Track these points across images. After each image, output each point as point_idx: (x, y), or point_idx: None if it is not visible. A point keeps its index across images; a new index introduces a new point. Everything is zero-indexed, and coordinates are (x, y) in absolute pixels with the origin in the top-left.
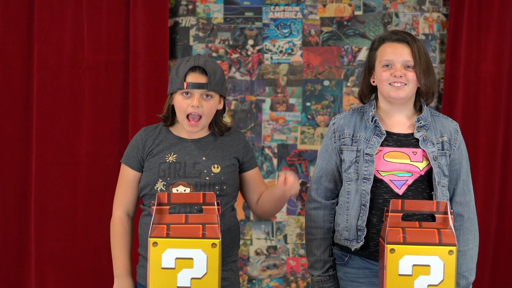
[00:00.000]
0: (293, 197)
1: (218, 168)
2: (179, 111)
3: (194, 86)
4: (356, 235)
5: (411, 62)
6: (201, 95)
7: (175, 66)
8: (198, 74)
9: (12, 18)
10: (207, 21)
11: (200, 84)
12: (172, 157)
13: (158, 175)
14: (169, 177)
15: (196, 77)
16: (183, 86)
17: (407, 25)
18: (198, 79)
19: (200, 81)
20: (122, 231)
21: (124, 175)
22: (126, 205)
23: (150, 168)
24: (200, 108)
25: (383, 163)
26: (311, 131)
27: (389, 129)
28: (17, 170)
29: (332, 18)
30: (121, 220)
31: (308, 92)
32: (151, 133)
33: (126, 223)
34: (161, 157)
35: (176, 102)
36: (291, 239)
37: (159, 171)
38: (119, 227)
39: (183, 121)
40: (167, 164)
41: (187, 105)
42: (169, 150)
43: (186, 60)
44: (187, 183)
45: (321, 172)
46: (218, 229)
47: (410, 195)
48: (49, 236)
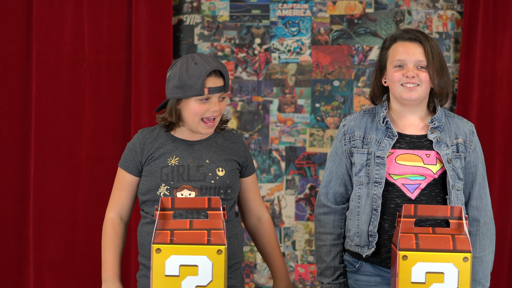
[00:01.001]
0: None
1: (223, 171)
2: (195, 116)
3: (215, 91)
4: (367, 241)
5: (424, 62)
6: (219, 98)
7: (182, 70)
8: (215, 77)
9: (10, 15)
10: (213, 19)
11: (219, 88)
12: (175, 160)
13: (160, 179)
14: (172, 181)
15: (215, 81)
16: (203, 92)
17: (420, 23)
18: (217, 83)
19: (219, 85)
20: (112, 233)
21: (120, 178)
22: (120, 208)
23: (151, 173)
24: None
25: (395, 166)
26: (321, 133)
27: (401, 131)
28: (15, 174)
29: (342, 16)
30: (113, 223)
31: (317, 92)
32: (149, 136)
33: (117, 226)
34: (163, 160)
35: (190, 108)
36: (300, 246)
37: (162, 175)
38: (109, 229)
39: (197, 124)
40: (169, 167)
41: (205, 110)
42: (171, 153)
43: (194, 63)
44: (192, 186)
45: (331, 176)
46: (224, 235)
47: (423, 199)
48: (48, 242)
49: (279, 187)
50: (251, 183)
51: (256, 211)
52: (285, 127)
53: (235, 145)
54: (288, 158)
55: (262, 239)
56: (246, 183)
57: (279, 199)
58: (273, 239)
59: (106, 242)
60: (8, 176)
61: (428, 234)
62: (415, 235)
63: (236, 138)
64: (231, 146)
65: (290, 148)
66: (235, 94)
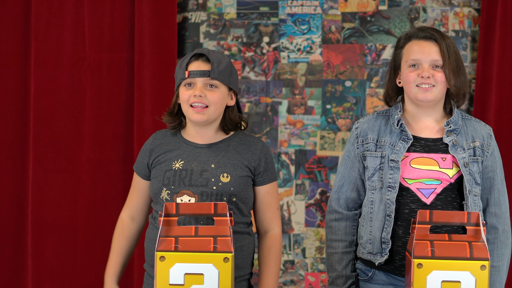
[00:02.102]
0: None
1: (227, 177)
2: (183, 103)
3: (196, 74)
4: (380, 248)
5: (440, 62)
6: (205, 85)
7: (179, 61)
8: (201, 62)
9: (7, 13)
10: (219, 16)
11: (202, 72)
12: (179, 164)
13: (162, 183)
14: (173, 185)
15: (198, 64)
16: (184, 75)
17: (435, 21)
18: (200, 66)
19: (202, 69)
20: (119, 233)
21: (134, 181)
22: (132, 208)
23: (156, 176)
24: (204, 98)
25: (410, 170)
26: (332, 136)
27: (416, 134)
28: (12, 178)
29: (355, 13)
30: (122, 222)
31: (328, 93)
32: (161, 138)
33: (126, 227)
34: (168, 164)
35: (180, 96)
36: (310, 253)
37: (164, 179)
38: (118, 229)
39: (187, 111)
40: (172, 171)
41: (190, 96)
42: (177, 156)
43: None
44: (192, 192)
45: (343, 181)
46: (230, 242)
47: (439, 204)
48: (48, 249)
49: (288, 192)
50: (264, 194)
51: (265, 224)
52: (294, 129)
53: (250, 150)
54: (297, 162)
55: (261, 252)
56: (258, 193)
57: (288, 205)
58: (272, 255)
59: (113, 243)
60: (5, 181)
61: (444, 241)
62: (431, 242)
63: (252, 142)
64: (245, 151)
65: (299, 151)
66: (242, 95)
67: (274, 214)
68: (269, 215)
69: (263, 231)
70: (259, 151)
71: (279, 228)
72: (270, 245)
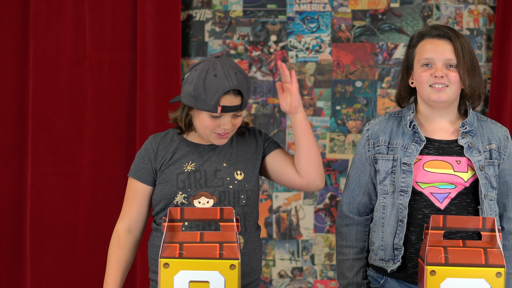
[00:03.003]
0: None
1: (241, 174)
2: (205, 129)
3: (229, 110)
4: (392, 254)
5: (454, 61)
6: (233, 115)
7: (199, 80)
8: (233, 96)
9: (4, 11)
10: (225, 14)
11: (234, 108)
12: (191, 166)
13: (177, 187)
14: (189, 188)
15: (231, 100)
16: (216, 110)
17: (449, 19)
18: (233, 101)
19: (234, 104)
20: (116, 245)
21: (132, 189)
22: (129, 219)
23: (167, 180)
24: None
25: (423, 173)
26: (342, 138)
27: (430, 136)
28: (10, 182)
29: (365, 11)
30: (119, 235)
31: (338, 94)
32: (163, 141)
33: (123, 239)
34: (178, 166)
35: (201, 121)
36: (319, 260)
37: (178, 182)
38: (114, 241)
39: (209, 136)
40: (185, 174)
41: (216, 126)
42: (186, 158)
43: (213, 74)
44: (209, 193)
45: (354, 185)
46: (237, 249)
47: (453, 209)
48: (47, 256)
49: (297, 197)
50: (280, 152)
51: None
52: None
53: (250, 138)
54: None
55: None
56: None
57: (296, 210)
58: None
59: (109, 255)
60: (3, 185)
61: (458, 247)
62: (444, 248)
63: (249, 133)
64: (248, 142)
65: None
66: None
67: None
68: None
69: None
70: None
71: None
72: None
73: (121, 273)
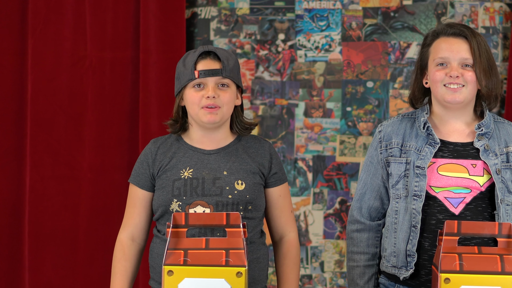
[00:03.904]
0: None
1: (242, 184)
2: (192, 105)
3: (208, 74)
4: (405, 261)
5: (470, 60)
6: (216, 84)
7: (180, 60)
8: (210, 60)
9: (2, 8)
10: (231, 12)
11: (213, 71)
12: (188, 173)
13: (172, 194)
14: (185, 196)
15: (208, 63)
16: (193, 75)
17: (464, 17)
18: (211, 65)
19: (213, 67)
20: (121, 256)
21: (132, 195)
22: (131, 228)
23: (163, 187)
24: (217, 99)
25: (437, 177)
26: (352, 141)
27: (444, 138)
28: (8, 186)
29: (377, 8)
30: (122, 244)
31: (348, 95)
32: (162, 146)
33: (127, 248)
34: (175, 172)
35: (187, 98)
36: (329, 267)
37: (173, 189)
38: (117, 252)
39: (198, 113)
40: (182, 181)
41: (201, 97)
42: (184, 164)
43: (193, 51)
44: (206, 202)
45: (365, 188)
46: (244, 255)
47: (468, 215)
48: (46, 263)
49: (306, 201)
50: (277, 197)
51: (279, 229)
52: (312, 133)
53: (259, 152)
54: (315, 169)
55: (278, 260)
56: (271, 196)
57: (305, 215)
58: (289, 262)
59: (114, 266)
60: (0, 189)
61: (473, 254)
62: (459, 255)
63: (260, 144)
64: (254, 153)
65: (318, 157)
66: (256, 96)
67: (288, 217)
68: (283, 220)
69: (278, 238)
70: (267, 152)
71: (295, 232)
72: (287, 251)
73: (128, 284)
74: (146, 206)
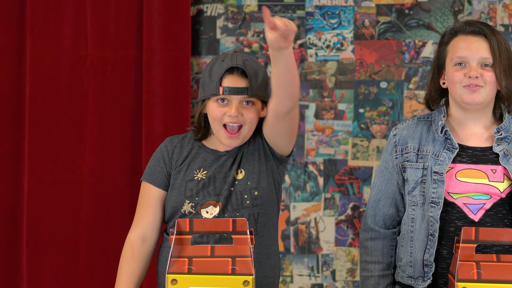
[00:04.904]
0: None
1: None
2: (214, 121)
3: (232, 92)
4: (422, 271)
5: (490, 60)
6: (240, 102)
7: (207, 67)
8: (237, 76)
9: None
10: (238, 9)
11: (239, 89)
12: (202, 174)
13: (184, 195)
14: (197, 197)
15: (235, 80)
16: (218, 91)
17: (482, 14)
18: (237, 82)
19: (239, 85)
20: (129, 257)
21: (145, 194)
22: (143, 227)
23: (176, 187)
24: (240, 117)
25: (455, 183)
26: (365, 144)
27: (463, 142)
28: (6, 191)
29: (391, 5)
30: (132, 244)
31: (361, 96)
32: (179, 144)
33: (136, 249)
34: (189, 173)
35: (210, 111)
36: (341, 276)
37: (186, 190)
38: (126, 252)
39: (219, 132)
40: (195, 182)
41: (223, 114)
42: (199, 165)
43: (221, 60)
44: (216, 201)
45: (379, 195)
46: (251, 263)
47: (488, 221)
48: (45, 272)
49: (316, 207)
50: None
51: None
52: (323, 136)
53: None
54: (326, 173)
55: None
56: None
57: (316, 221)
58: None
59: (121, 267)
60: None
61: (492, 262)
62: (476, 263)
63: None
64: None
65: (329, 161)
66: None
67: None
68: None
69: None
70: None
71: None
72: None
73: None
74: (161, 206)
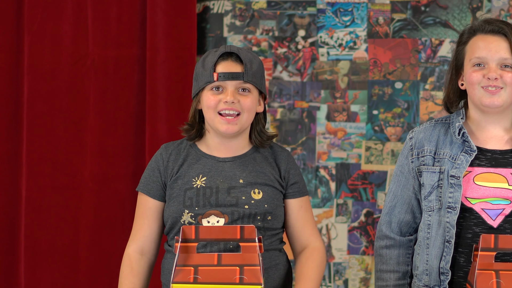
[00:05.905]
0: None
1: (259, 193)
2: (209, 109)
3: (227, 77)
4: (438, 280)
5: (510, 60)
6: (236, 89)
7: (200, 60)
8: (231, 62)
9: None
10: (246, 6)
11: (234, 74)
12: (201, 181)
13: (183, 205)
14: (197, 206)
15: (229, 65)
16: (212, 78)
17: (501, 11)
18: (231, 68)
19: (233, 70)
20: (128, 272)
21: (141, 205)
22: (141, 240)
23: (174, 196)
24: (237, 104)
25: (473, 187)
26: (379, 147)
27: (482, 145)
28: (3, 197)
29: (406, 2)
30: (130, 259)
31: (375, 97)
32: (174, 152)
33: (135, 262)
34: (187, 181)
35: (204, 101)
36: (354, 285)
37: (185, 199)
38: (125, 267)
39: (214, 120)
40: (194, 190)
41: (218, 101)
42: (197, 172)
43: (214, 50)
44: (220, 212)
45: (395, 201)
46: (260, 272)
47: (508, 228)
48: (44, 281)
49: (328, 214)
50: (298, 208)
51: (304, 241)
52: (335, 139)
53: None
54: (339, 178)
55: (299, 262)
56: (292, 208)
57: (328, 228)
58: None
59: (121, 283)
60: None
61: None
62: (496, 272)
63: (278, 151)
64: (272, 164)
65: (341, 165)
66: (273, 98)
67: (313, 229)
68: (308, 231)
69: (301, 249)
70: (285, 161)
71: (321, 243)
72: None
73: None
74: (158, 217)
